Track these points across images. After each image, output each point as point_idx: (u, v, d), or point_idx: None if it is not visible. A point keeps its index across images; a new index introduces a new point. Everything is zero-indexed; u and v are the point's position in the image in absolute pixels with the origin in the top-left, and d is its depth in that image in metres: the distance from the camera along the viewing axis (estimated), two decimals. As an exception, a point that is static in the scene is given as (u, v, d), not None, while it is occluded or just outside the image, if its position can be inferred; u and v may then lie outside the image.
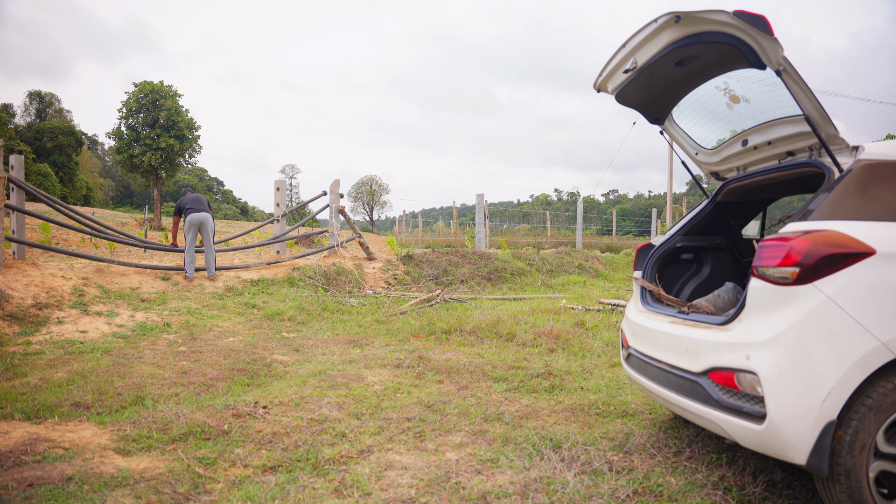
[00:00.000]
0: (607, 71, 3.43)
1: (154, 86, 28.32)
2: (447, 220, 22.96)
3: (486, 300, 9.21)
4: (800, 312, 2.29)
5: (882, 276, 2.27)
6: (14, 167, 8.17)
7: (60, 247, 11.21)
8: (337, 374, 4.91)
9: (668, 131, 3.95)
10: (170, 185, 38.61)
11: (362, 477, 2.93)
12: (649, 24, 2.97)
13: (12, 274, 6.77)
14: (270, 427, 3.58)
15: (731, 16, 2.58)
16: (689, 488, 2.78)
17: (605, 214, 37.89)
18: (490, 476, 2.95)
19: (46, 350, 5.42)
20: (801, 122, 2.98)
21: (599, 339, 6.38)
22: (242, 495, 2.72)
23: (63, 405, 3.92)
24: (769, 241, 2.45)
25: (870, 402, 2.22)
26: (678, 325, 2.96)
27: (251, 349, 5.79)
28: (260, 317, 7.45)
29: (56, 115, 61.29)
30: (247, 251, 12.02)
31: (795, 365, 2.26)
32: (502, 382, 4.78)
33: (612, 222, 26.48)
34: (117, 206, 65.76)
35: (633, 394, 4.39)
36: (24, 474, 2.79)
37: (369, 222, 67.62)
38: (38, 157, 48.71)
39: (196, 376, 4.71)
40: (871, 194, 2.52)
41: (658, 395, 3.09)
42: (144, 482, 2.80)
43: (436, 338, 6.57)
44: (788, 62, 2.59)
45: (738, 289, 3.50)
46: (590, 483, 2.84)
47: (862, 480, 2.22)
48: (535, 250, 15.17)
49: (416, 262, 11.43)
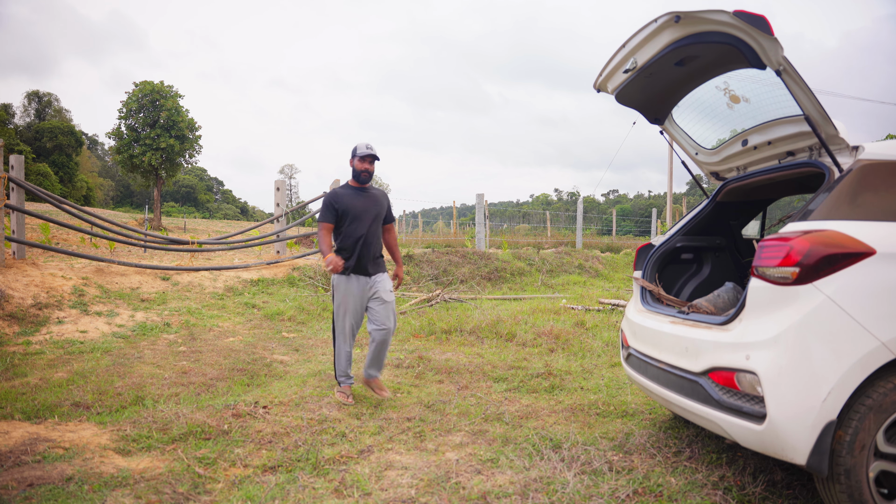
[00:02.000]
0: (607, 71, 3.43)
1: (154, 86, 28.34)
2: (447, 220, 22.97)
3: (486, 300, 9.21)
4: (800, 312, 2.29)
5: (882, 276, 2.27)
6: (14, 167, 8.17)
7: (60, 247, 11.21)
8: (337, 374, 4.91)
9: (668, 131, 3.95)
10: (170, 185, 38.63)
11: (362, 477, 2.93)
12: (649, 24, 2.97)
13: (12, 274, 6.77)
14: (270, 427, 3.58)
15: (731, 16, 2.58)
16: (689, 488, 2.78)
17: (605, 214, 37.90)
18: (490, 476, 2.95)
19: (46, 350, 5.41)
20: (801, 122, 2.98)
21: (599, 339, 6.38)
22: (242, 495, 2.72)
23: (63, 405, 3.92)
24: (769, 241, 2.45)
25: (870, 402, 2.22)
26: (678, 325, 2.97)
27: (251, 349, 5.79)
28: (260, 317, 7.45)
29: (55, 115, 61.30)
30: (246, 251, 12.02)
31: (795, 365, 2.26)
32: (502, 382, 4.78)
33: (612, 222, 26.50)
34: (117, 206, 65.77)
35: (633, 394, 4.40)
36: (24, 474, 2.79)
37: (369, 222, 67.51)
38: (37, 157, 48.71)
39: (196, 376, 4.71)
40: (871, 194, 2.52)
41: (658, 395, 3.09)
42: (144, 482, 2.80)
43: (436, 338, 6.57)
44: (788, 62, 2.59)
45: (738, 289, 3.50)
46: (590, 483, 2.84)
47: (862, 480, 2.22)
48: (535, 250, 15.18)
49: (416, 262, 11.43)
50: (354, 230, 4.22)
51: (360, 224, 4.23)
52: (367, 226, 4.25)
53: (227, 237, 12.07)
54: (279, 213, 10.85)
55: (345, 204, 4.23)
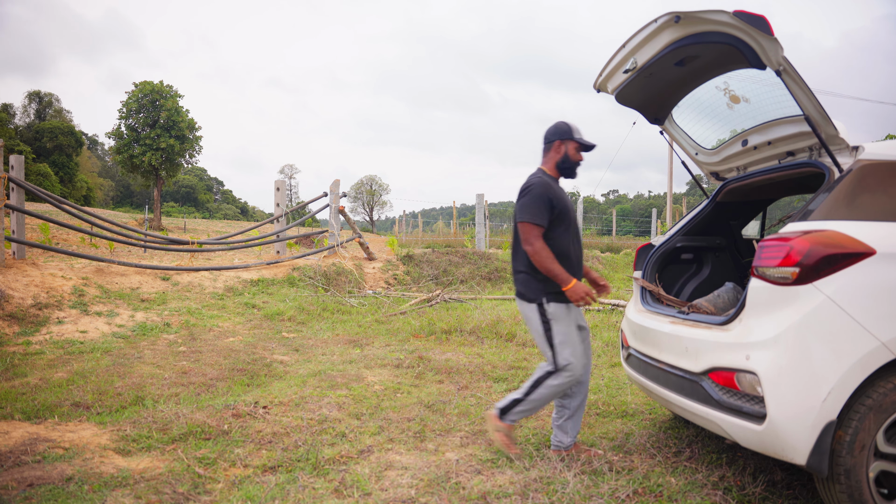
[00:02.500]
0: (607, 71, 3.43)
1: (154, 86, 28.35)
2: (447, 221, 22.97)
3: (486, 300, 9.21)
4: (800, 312, 2.29)
5: (882, 277, 2.28)
6: (14, 167, 8.17)
7: (60, 247, 11.21)
8: (337, 374, 4.91)
9: (668, 131, 3.95)
10: (170, 185, 38.60)
11: (362, 477, 2.93)
12: (649, 24, 2.97)
13: (12, 274, 6.77)
14: (270, 427, 3.58)
15: (731, 16, 2.58)
16: (689, 488, 2.78)
17: (605, 214, 37.91)
18: (490, 476, 2.95)
19: (46, 350, 5.41)
20: (801, 122, 2.98)
21: (599, 339, 6.38)
22: (242, 495, 2.72)
23: (63, 405, 3.92)
24: (769, 242, 2.46)
25: (870, 402, 2.22)
26: (678, 325, 2.97)
27: (251, 349, 5.79)
28: (260, 317, 7.45)
29: (56, 115, 61.32)
30: (246, 251, 12.02)
31: (795, 365, 2.26)
32: (502, 382, 4.78)
33: (612, 222, 26.51)
34: (117, 206, 65.76)
35: (633, 394, 4.39)
36: (24, 474, 2.79)
37: (369, 222, 67.65)
38: (37, 157, 48.69)
39: (196, 376, 4.71)
40: (871, 194, 2.52)
41: (658, 395, 3.09)
42: (144, 482, 2.80)
43: (436, 338, 6.57)
44: (788, 62, 2.59)
45: (738, 289, 3.50)
46: (590, 483, 2.84)
47: (862, 480, 2.23)
48: (535, 250, 15.14)
49: (416, 262, 11.43)
50: (574, 239, 3.12)
51: (576, 230, 3.15)
52: (579, 233, 3.20)
53: (227, 237, 12.07)
54: (279, 214, 10.85)
55: (563, 202, 3.07)
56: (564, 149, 3.15)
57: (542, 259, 2.92)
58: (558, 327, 3.03)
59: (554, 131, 3.17)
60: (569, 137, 3.13)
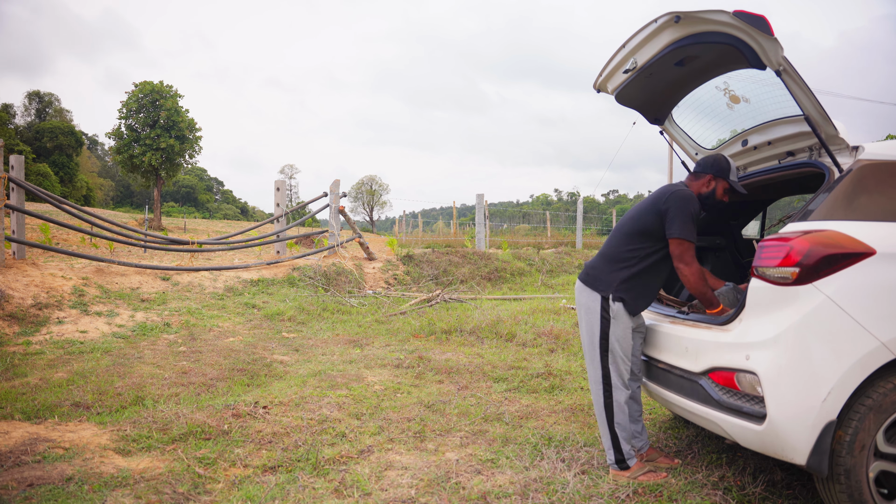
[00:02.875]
0: (607, 71, 3.43)
1: (154, 86, 28.35)
2: (447, 221, 22.96)
3: (486, 300, 9.21)
4: (800, 312, 2.29)
5: (882, 277, 2.28)
6: (14, 167, 8.17)
7: (60, 247, 11.21)
8: (337, 374, 4.91)
9: (668, 131, 3.95)
10: (170, 185, 38.58)
11: (362, 477, 2.93)
12: (649, 24, 2.97)
13: (12, 274, 6.77)
14: (270, 427, 3.58)
15: (731, 16, 2.58)
16: (689, 488, 2.78)
17: (605, 214, 37.90)
18: (490, 476, 2.95)
19: (46, 350, 5.41)
20: (800, 123, 2.98)
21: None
22: (242, 495, 2.72)
23: (63, 405, 3.92)
24: (769, 242, 2.46)
25: (870, 403, 2.22)
26: (678, 325, 2.97)
27: (251, 349, 5.79)
28: (260, 317, 7.45)
29: (56, 116, 61.31)
30: (246, 251, 12.02)
31: (795, 365, 2.26)
32: (502, 382, 4.78)
33: (612, 222, 26.52)
34: (117, 207, 65.75)
35: (633, 394, 4.39)
36: (24, 474, 2.79)
37: (369, 222, 67.66)
38: (38, 157, 48.68)
39: (196, 376, 4.71)
40: (871, 194, 2.52)
41: (658, 395, 3.09)
42: (144, 482, 2.80)
43: (436, 338, 6.57)
44: (788, 62, 2.59)
45: (738, 289, 3.50)
46: (590, 483, 2.84)
47: (862, 480, 2.23)
48: (535, 250, 15.18)
49: (416, 262, 11.43)
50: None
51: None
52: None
53: (227, 237, 12.07)
54: (279, 214, 10.86)
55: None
56: (714, 185, 3.10)
57: (697, 280, 2.88)
58: (615, 328, 2.99)
59: (712, 164, 3.10)
60: (723, 177, 3.07)
